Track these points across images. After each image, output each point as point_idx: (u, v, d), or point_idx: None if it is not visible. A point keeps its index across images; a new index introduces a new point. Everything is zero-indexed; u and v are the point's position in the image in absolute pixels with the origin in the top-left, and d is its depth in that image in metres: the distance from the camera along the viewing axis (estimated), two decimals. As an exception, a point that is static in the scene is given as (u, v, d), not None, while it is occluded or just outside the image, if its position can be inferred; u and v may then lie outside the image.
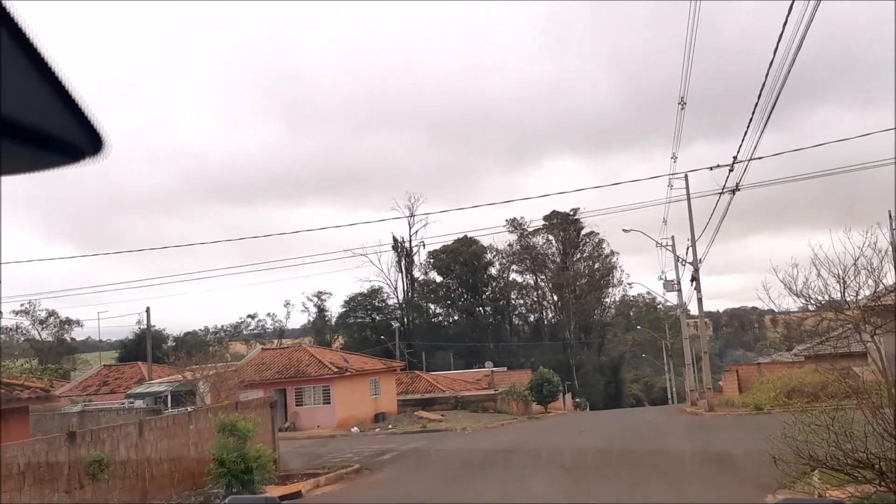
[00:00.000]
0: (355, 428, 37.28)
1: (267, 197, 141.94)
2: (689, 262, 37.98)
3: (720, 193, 23.45)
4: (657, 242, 50.27)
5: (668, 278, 50.60)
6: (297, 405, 42.12)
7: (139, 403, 39.72)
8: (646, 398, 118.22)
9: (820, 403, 14.71)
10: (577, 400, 75.26)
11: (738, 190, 23.22)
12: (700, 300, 37.74)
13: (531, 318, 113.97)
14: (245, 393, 42.54)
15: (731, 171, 25.03)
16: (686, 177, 37.93)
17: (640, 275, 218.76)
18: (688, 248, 38.03)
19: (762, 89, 16.51)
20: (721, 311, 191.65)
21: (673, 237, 50.14)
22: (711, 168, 21.99)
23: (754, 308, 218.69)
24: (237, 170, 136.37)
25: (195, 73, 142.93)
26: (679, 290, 50.05)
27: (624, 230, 40.69)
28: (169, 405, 38.10)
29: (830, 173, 27.49)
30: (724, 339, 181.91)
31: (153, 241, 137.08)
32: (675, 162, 40.81)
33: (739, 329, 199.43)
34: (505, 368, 66.27)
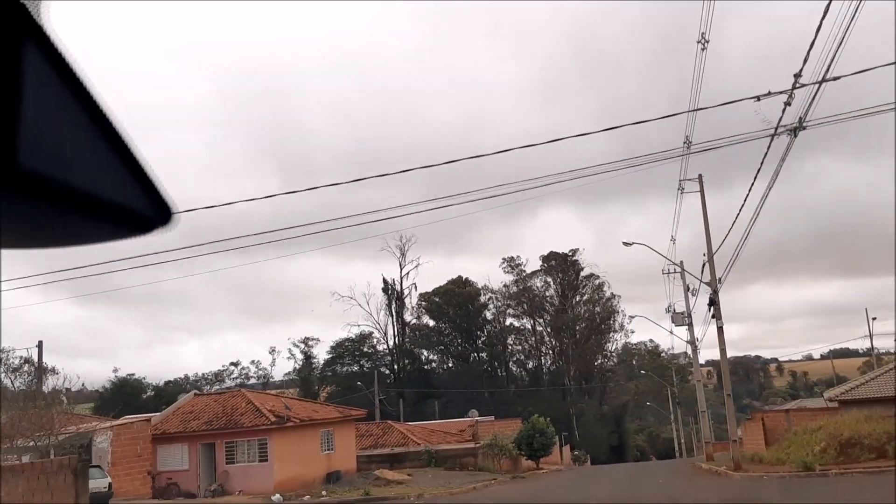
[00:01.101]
0: (277, 496, 28.47)
1: (262, 247, 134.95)
2: (705, 283, 29.55)
3: (774, 135, 15.23)
4: (665, 268, 41.92)
5: (676, 310, 42.12)
6: (227, 462, 33.35)
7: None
8: (650, 449, 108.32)
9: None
10: (577, 453, 65.80)
11: (798, 132, 14.94)
12: (720, 328, 29.13)
13: (529, 365, 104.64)
14: (166, 449, 33.95)
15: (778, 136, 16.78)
16: (700, 178, 29.83)
17: (642, 324, 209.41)
18: (703, 266, 29.66)
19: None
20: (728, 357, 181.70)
21: (682, 262, 41.84)
22: (758, 98, 13.80)
23: (758, 357, 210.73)
24: (231, 220, 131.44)
25: (190, 123, 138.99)
26: (690, 324, 41.46)
27: (625, 243, 32.24)
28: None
29: None
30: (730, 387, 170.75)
31: (150, 291, 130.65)
32: (680, 192, 32.99)
33: (745, 378, 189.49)
34: (492, 417, 57.46)
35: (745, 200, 23.67)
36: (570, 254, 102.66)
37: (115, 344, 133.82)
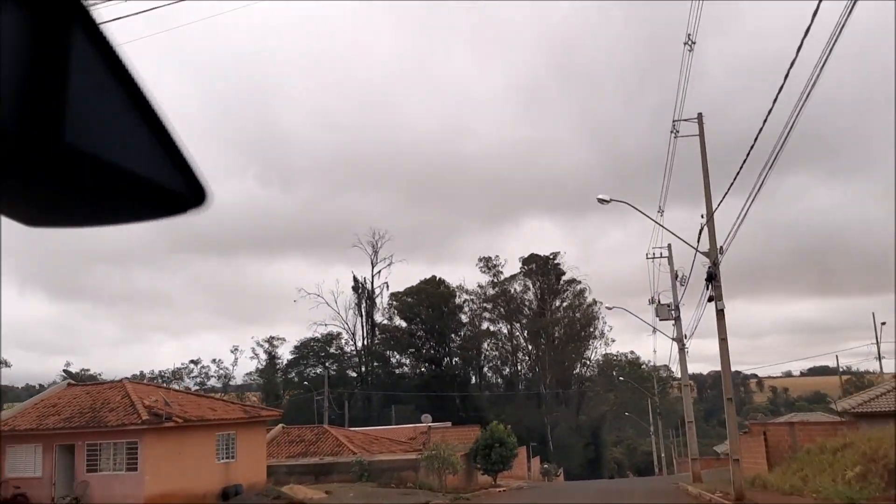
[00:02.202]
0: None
1: (242, 249, 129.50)
2: (703, 252, 21.73)
3: None
4: (649, 251, 34.24)
5: (661, 301, 34.30)
6: (88, 470, 25.25)
7: None
8: (628, 463, 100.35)
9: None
10: (546, 466, 57.66)
11: None
12: (721, 312, 21.24)
13: (505, 371, 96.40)
14: (15, 450, 25.83)
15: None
16: (700, 116, 22.16)
17: (623, 334, 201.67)
18: (701, 230, 21.85)
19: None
20: (705, 373, 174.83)
21: (670, 245, 34.16)
22: None
23: (737, 372, 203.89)
24: (212, 222, 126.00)
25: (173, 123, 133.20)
26: (677, 318, 33.69)
27: (600, 199, 24.17)
28: None
29: None
30: (709, 402, 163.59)
31: (128, 290, 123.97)
32: (674, 136, 25.34)
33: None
34: (449, 424, 49.44)
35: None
36: (552, 257, 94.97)
37: (88, 342, 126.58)
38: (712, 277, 21.12)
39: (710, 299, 22.33)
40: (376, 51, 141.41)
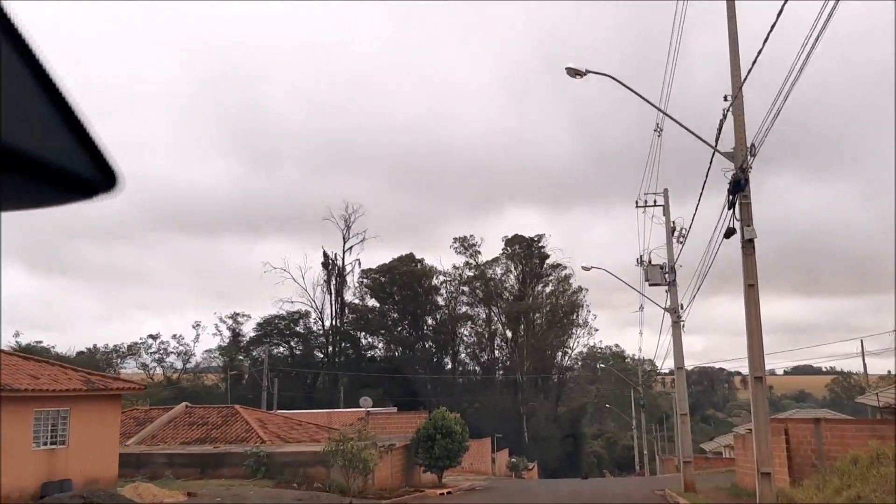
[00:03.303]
0: None
1: (226, 230, 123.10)
2: (724, 154, 13.62)
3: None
4: (640, 197, 26.23)
5: (651, 261, 26.13)
6: None
7: None
8: (608, 457, 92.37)
9: None
10: (514, 460, 49.41)
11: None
12: (751, 244, 13.26)
13: (483, 358, 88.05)
14: None
15: None
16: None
17: (607, 328, 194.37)
18: (723, 117, 13.74)
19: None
20: (690, 368, 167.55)
21: (666, 191, 26.09)
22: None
23: (721, 368, 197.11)
24: (196, 202, 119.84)
25: (158, 105, 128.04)
26: (672, 281, 25.59)
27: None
28: None
29: None
30: (693, 398, 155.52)
31: (108, 266, 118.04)
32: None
33: (709, 388, 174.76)
34: (395, 409, 41.15)
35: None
36: (536, 239, 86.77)
37: (67, 317, 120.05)
38: (738, 188, 12.96)
39: (728, 233, 14.14)
40: (364, 37, 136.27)
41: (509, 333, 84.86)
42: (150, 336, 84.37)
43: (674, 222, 25.38)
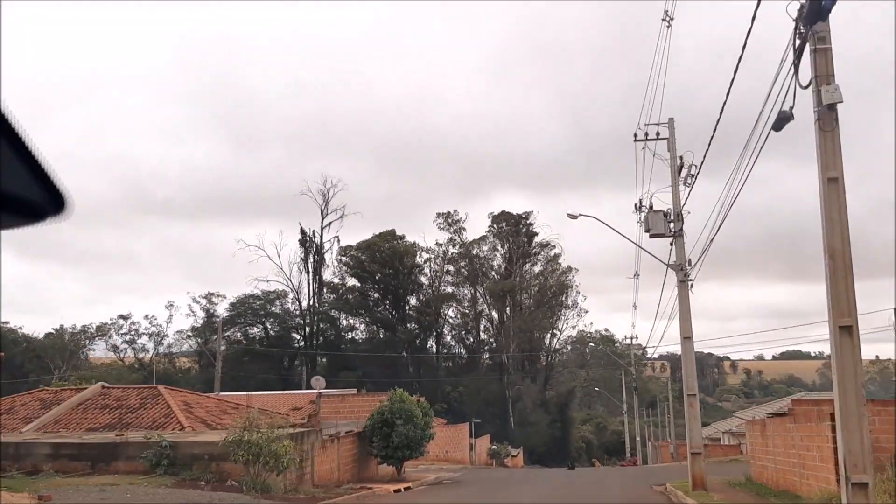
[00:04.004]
0: None
1: (206, 212, 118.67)
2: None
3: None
4: (639, 128, 20.89)
5: (653, 207, 20.81)
6: None
7: None
8: (597, 443, 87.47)
9: None
10: (495, 447, 44.15)
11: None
12: (823, 77, 8.04)
13: (469, 340, 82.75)
14: None
15: None
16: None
17: (597, 310, 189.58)
18: None
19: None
20: (678, 353, 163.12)
21: (671, 120, 20.76)
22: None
23: (710, 354, 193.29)
24: (180, 185, 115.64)
25: (141, 88, 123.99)
26: (678, 232, 20.32)
27: None
28: None
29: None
30: (681, 382, 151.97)
31: (94, 249, 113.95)
32: None
33: (699, 373, 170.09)
34: (354, 391, 35.77)
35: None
36: (524, 216, 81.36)
37: (47, 299, 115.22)
38: (815, 16, 7.63)
39: (780, 121, 8.91)
40: (350, 20, 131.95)
41: (495, 314, 79.63)
42: (121, 316, 78.53)
43: (681, 158, 20.09)
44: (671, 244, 20.42)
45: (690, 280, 20.09)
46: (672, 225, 20.20)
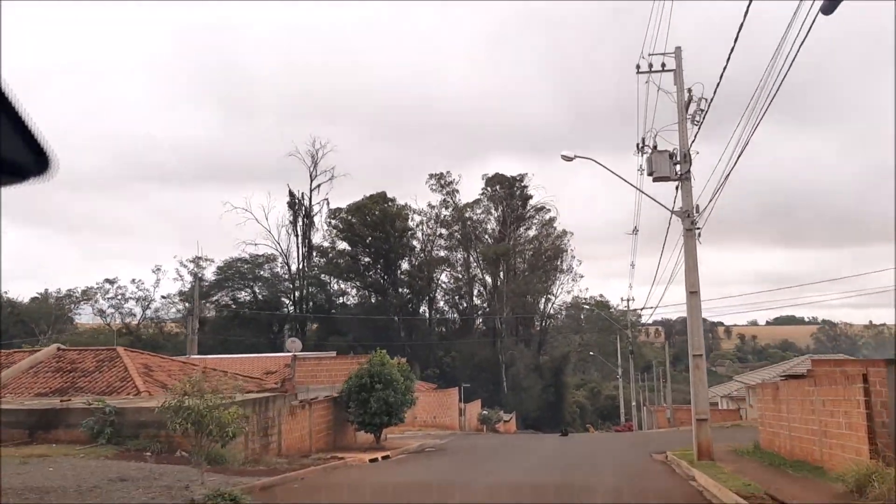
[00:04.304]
0: None
1: (200, 178, 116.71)
2: None
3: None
4: (642, 57, 18.40)
5: (657, 147, 18.44)
6: None
7: None
8: (591, 408, 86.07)
9: None
10: (486, 412, 42.21)
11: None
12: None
13: (463, 305, 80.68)
14: None
15: None
16: None
17: (591, 275, 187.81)
18: None
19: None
20: (673, 319, 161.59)
21: (679, 49, 18.27)
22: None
23: (703, 319, 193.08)
24: (171, 152, 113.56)
25: (135, 57, 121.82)
26: (685, 175, 17.97)
27: None
28: None
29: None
30: (677, 347, 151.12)
31: (87, 216, 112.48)
32: None
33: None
34: (334, 353, 33.45)
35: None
36: (518, 178, 78.78)
37: (37, 264, 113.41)
38: None
39: (830, 5, 6.50)
40: None
41: (489, 279, 77.53)
42: (107, 281, 75.97)
43: (689, 91, 17.66)
44: (677, 188, 18.08)
45: (698, 229, 17.79)
46: (678, 167, 17.84)
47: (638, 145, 18.54)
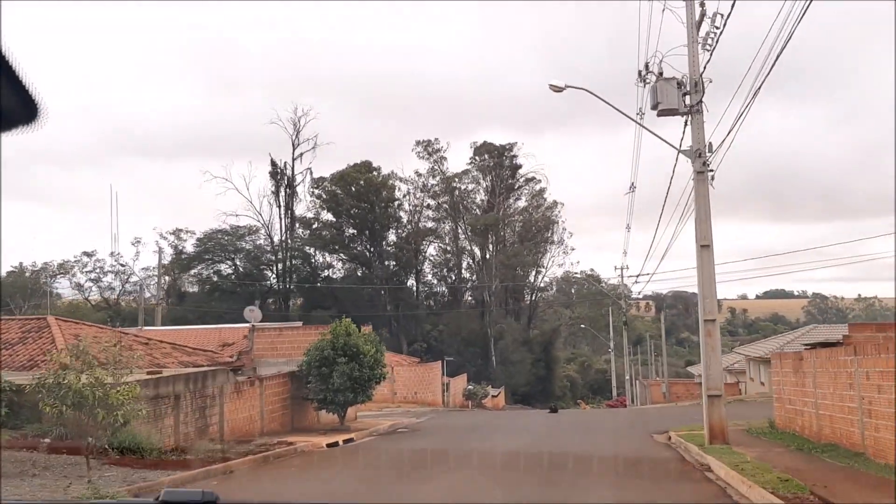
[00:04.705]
0: None
1: (182, 150, 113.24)
2: None
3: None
4: None
5: (663, 74, 15.38)
6: None
7: None
8: (582, 382, 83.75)
9: None
10: (471, 387, 39.33)
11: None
12: None
13: (451, 279, 77.66)
14: None
15: None
16: None
17: (583, 255, 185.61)
18: None
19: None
20: (665, 293, 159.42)
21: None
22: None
23: (693, 293, 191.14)
24: (160, 127, 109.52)
25: (122, 32, 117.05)
26: (697, 106, 14.84)
27: None
28: None
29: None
30: (668, 321, 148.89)
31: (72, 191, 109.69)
32: None
33: (684, 311, 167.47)
34: (300, 323, 30.43)
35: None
36: (507, 147, 75.34)
37: (15, 237, 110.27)
38: None
39: None
40: None
41: (477, 251, 74.54)
42: (85, 254, 72.55)
43: (702, 5, 14.57)
44: (686, 124, 15.05)
45: (711, 171, 14.79)
46: (688, 98, 14.80)
47: (640, 73, 15.45)
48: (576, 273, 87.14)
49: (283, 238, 70.25)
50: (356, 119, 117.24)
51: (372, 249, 72.93)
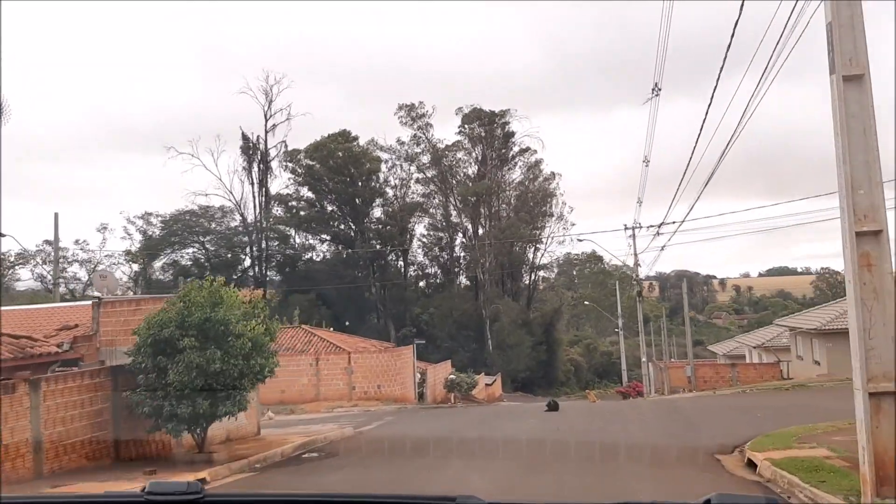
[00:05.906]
0: None
1: (154, 131, 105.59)
2: None
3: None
4: None
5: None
6: None
7: None
8: (586, 365, 75.62)
9: None
10: (454, 377, 30.87)
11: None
12: None
13: (443, 258, 69.43)
14: None
15: None
16: None
17: (583, 233, 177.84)
18: None
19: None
20: (669, 272, 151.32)
21: None
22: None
23: (697, 273, 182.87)
24: (150, 118, 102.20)
25: (113, 20, 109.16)
26: None
27: None
28: None
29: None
30: (673, 301, 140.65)
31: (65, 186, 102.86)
32: None
33: (688, 291, 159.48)
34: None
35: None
36: (499, 113, 66.85)
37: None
38: None
39: None
40: None
41: (469, 226, 66.36)
42: (46, 242, 64.26)
43: None
44: None
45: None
46: None
47: None
48: (576, 255, 79.10)
49: (258, 218, 62.24)
50: (334, 94, 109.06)
51: (355, 227, 64.81)
